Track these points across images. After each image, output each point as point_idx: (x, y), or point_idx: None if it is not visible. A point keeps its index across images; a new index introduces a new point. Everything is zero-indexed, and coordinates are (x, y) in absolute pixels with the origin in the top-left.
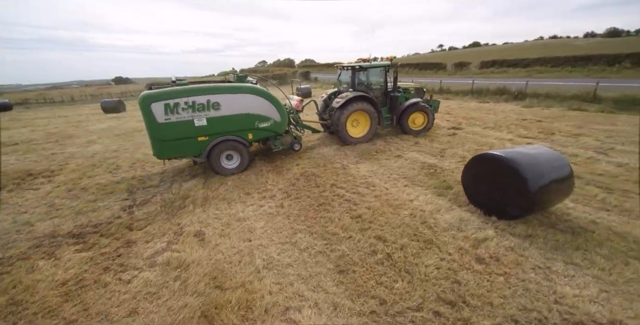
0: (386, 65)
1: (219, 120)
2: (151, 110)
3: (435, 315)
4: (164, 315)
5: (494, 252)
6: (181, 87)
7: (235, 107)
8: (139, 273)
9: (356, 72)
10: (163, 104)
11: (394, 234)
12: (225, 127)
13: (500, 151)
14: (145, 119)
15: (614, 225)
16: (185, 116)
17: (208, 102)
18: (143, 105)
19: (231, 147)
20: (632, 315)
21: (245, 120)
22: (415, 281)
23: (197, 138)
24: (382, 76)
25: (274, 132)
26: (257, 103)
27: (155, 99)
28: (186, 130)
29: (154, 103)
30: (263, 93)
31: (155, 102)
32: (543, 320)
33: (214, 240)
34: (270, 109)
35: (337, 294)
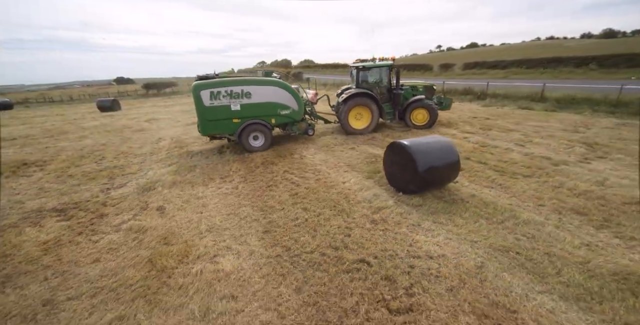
0: (389, 65)
1: (249, 106)
2: (200, 96)
3: (321, 255)
4: (120, 262)
5: (386, 216)
6: (223, 78)
7: (262, 97)
8: (105, 236)
9: (360, 71)
10: (209, 92)
11: (318, 206)
12: (254, 112)
13: (406, 140)
14: (196, 103)
15: (487, 198)
16: (224, 102)
17: (242, 91)
18: (195, 92)
19: (258, 129)
20: (456, 252)
21: (270, 108)
22: (317, 236)
23: (232, 120)
24: (385, 75)
25: (292, 118)
26: (280, 94)
27: (204, 88)
28: (224, 113)
29: (202, 90)
30: (285, 86)
31: (203, 90)
32: (394, 255)
33: (172, 212)
34: (290, 100)
35: (257, 245)
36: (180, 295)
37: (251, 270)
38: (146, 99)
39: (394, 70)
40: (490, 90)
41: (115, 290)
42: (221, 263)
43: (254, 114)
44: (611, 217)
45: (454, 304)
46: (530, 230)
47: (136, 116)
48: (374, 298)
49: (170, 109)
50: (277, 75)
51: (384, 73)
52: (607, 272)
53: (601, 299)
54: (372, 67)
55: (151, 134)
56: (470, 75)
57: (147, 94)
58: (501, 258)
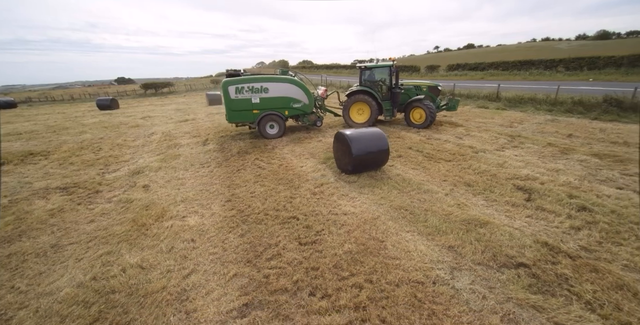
0: (389, 66)
1: (267, 99)
2: (228, 90)
3: (265, 215)
4: (110, 221)
5: (324, 189)
6: (247, 76)
7: (278, 92)
8: (100, 205)
9: (363, 71)
10: (235, 87)
11: (274, 183)
12: (271, 105)
13: (347, 130)
14: (224, 96)
15: (407, 176)
16: (247, 95)
17: (261, 87)
18: (223, 87)
19: (273, 119)
20: (364, 210)
21: (284, 101)
22: (266, 203)
23: (252, 111)
24: (386, 75)
25: (303, 111)
26: (293, 90)
27: (231, 84)
28: (246, 105)
29: (230, 86)
30: (297, 83)
31: (230, 85)
32: (319, 213)
33: (154, 189)
34: (302, 95)
35: (218, 210)
36: (154, 240)
37: (209, 225)
38: (144, 98)
39: (393, 71)
40: (457, 90)
41: (106, 238)
42: (188, 221)
43: (270, 106)
44: (489, 187)
45: (345, 238)
46: (426, 196)
47: (133, 114)
48: (293, 237)
49: (166, 107)
50: (292, 73)
51: (384, 73)
52: (459, 220)
53: (443, 234)
54: (373, 67)
55: (145, 129)
56: (452, 77)
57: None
58: (393, 213)
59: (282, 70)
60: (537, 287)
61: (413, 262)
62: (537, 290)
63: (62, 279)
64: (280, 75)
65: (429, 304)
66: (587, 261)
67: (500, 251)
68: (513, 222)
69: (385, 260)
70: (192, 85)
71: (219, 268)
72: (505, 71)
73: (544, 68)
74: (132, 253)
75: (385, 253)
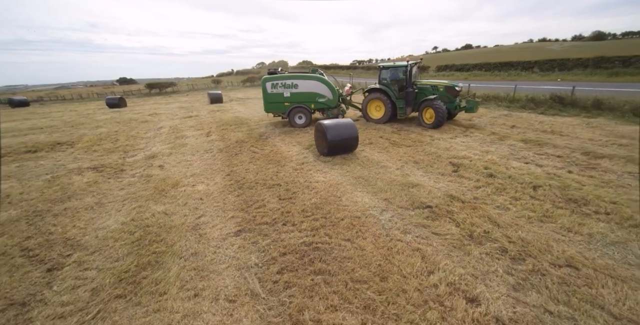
0: (403, 66)
1: (296, 94)
2: (266, 85)
3: (256, 183)
4: (137, 189)
5: (304, 166)
6: (281, 74)
7: (306, 88)
8: (126, 179)
9: (381, 70)
10: (271, 83)
11: (264, 163)
12: (299, 99)
13: (325, 120)
14: (263, 90)
15: (372, 157)
16: (280, 90)
17: (292, 83)
18: (263, 83)
19: (301, 111)
20: (331, 179)
21: (310, 96)
22: (258, 176)
23: (284, 103)
24: (400, 74)
25: (327, 105)
26: (319, 86)
27: (268, 80)
28: (279, 98)
29: (267, 82)
30: (323, 80)
31: (268, 82)
32: (297, 182)
33: (168, 168)
34: (326, 91)
35: (220, 180)
36: (172, 199)
37: (213, 190)
38: (149, 97)
39: (407, 71)
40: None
41: (135, 198)
42: (197, 187)
43: (299, 100)
44: (431, 164)
45: (313, 196)
46: (381, 170)
47: (140, 111)
48: (275, 196)
49: (170, 106)
50: (321, 72)
51: (399, 72)
52: (399, 183)
53: (384, 192)
54: (389, 67)
55: (154, 124)
56: (440, 77)
57: (150, 93)
58: (352, 181)
59: (313, 69)
60: (431, 217)
61: (357, 207)
62: (429, 218)
63: (110, 220)
64: (307, 73)
65: (359, 226)
66: (472, 204)
67: (418, 200)
68: (436, 184)
69: (338, 207)
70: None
71: (220, 213)
72: (487, 72)
73: (521, 69)
74: (157, 206)
75: (339, 203)
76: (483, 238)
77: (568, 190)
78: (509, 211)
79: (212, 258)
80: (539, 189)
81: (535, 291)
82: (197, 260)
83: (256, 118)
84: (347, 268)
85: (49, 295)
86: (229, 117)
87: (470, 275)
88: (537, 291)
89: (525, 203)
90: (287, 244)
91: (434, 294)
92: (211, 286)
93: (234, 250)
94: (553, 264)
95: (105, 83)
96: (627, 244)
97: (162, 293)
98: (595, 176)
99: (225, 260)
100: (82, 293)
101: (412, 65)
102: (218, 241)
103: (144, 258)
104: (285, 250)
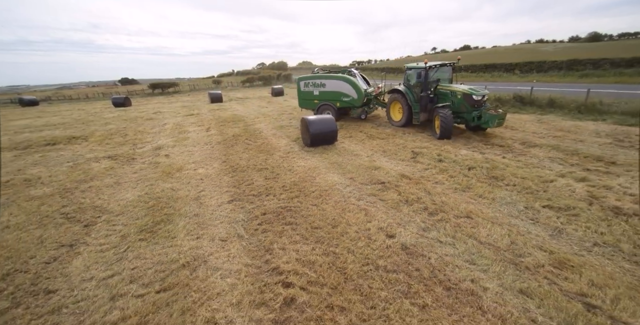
0: (421, 68)
1: (324, 93)
2: (300, 84)
3: (247, 167)
4: (147, 173)
5: (289, 155)
6: (312, 74)
7: (332, 87)
8: (137, 165)
9: (405, 71)
10: (304, 82)
11: (255, 152)
12: (326, 97)
13: (309, 116)
14: (297, 88)
15: (349, 148)
16: (311, 89)
17: (320, 82)
18: (297, 82)
19: (327, 109)
20: (310, 164)
21: (336, 95)
22: (249, 162)
23: (314, 101)
24: (417, 78)
25: (351, 104)
26: (344, 86)
27: (302, 79)
28: (310, 96)
29: (301, 81)
30: (348, 80)
31: (301, 81)
32: (282, 166)
33: (173, 157)
34: (351, 90)
35: (217, 166)
36: (177, 179)
37: (212, 172)
38: (152, 97)
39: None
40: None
41: (147, 179)
42: (198, 171)
43: (326, 98)
44: (396, 152)
45: (293, 176)
46: (353, 157)
47: (145, 110)
48: (262, 177)
49: (173, 105)
50: (356, 72)
51: (415, 76)
52: (365, 167)
53: (351, 173)
54: (412, 68)
55: (158, 121)
56: None
57: (153, 93)
58: (328, 165)
59: (343, 70)
60: (382, 189)
61: (327, 183)
62: (380, 190)
63: (127, 194)
64: (334, 74)
65: (325, 196)
66: (416, 180)
67: (376, 178)
68: (395, 167)
69: (312, 184)
70: (196, 85)
71: (217, 189)
72: (473, 73)
73: (504, 71)
74: (165, 184)
75: (313, 181)
76: (415, 202)
77: (494, 170)
78: (443, 185)
79: (210, 217)
80: (472, 170)
81: (435, 231)
82: (199, 218)
83: (252, 116)
84: (309, 221)
85: (89, 240)
86: (227, 115)
87: (395, 223)
88: (437, 231)
89: (457, 179)
90: (267, 208)
91: (367, 233)
92: (209, 233)
93: (227, 212)
94: (456, 216)
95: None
96: (516, 203)
97: (172, 237)
98: (521, 160)
99: (219, 218)
100: (113, 238)
101: (430, 68)
102: (215, 207)
103: (157, 217)
104: (265, 211)
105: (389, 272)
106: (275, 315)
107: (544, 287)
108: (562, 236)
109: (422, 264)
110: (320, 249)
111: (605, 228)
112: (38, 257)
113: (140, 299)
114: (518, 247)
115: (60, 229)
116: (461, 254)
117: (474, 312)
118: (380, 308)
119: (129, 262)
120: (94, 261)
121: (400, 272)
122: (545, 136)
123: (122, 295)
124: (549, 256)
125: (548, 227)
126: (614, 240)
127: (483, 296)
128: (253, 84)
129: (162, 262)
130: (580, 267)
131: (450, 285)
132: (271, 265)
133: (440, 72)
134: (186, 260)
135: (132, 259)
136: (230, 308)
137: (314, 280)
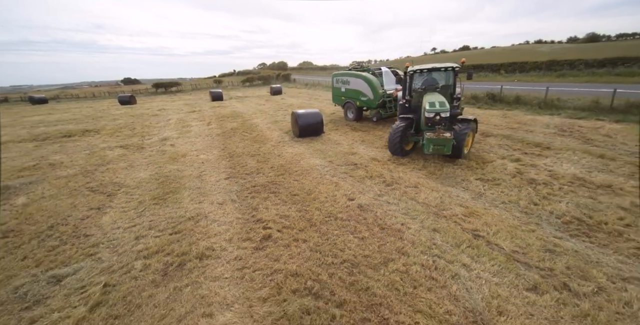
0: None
1: (348, 90)
2: (333, 80)
3: (243, 154)
4: (155, 158)
5: (280, 144)
6: (343, 71)
7: (354, 85)
8: (147, 152)
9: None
10: (336, 78)
11: (250, 142)
12: (349, 95)
13: (299, 110)
14: (332, 84)
15: (334, 138)
16: (340, 85)
17: (346, 80)
18: (332, 78)
19: (350, 106)
20: (297, 150)
21: (356, 93)
22: (244, 149)
23: (341, 97)
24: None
25: (367, 104)
26: (362, 85)
27: (335, 76)
28: (339, 92)
29: (334, 77)
30: (367, 79)
31: (334, 77)
32: (273, 153)
33: (178, 146)
34: (368, 90)
35: (216, 153)
36: (182, 163)
37: (212, 158)
38: (155, 96)
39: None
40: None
41: (156, 163)
42: (200, 157)
43: (349, 96)
44: (373, 141)
45: (281, 160)
46: (335, 146)
47: (150, 107)
48: (255, 160)
49: (176, 103)
50: (386, 70)
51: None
52: (343, 153)
53: (331, 157)
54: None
55: (163, 117)
56: None
57: (156, 92)
58: (312, 152)
59: (364, 68)
60: (353, 169)
61: (309, 165)
62: (352, 169)
63: (140, 173)
64: (356, 71)
65: (305, 174)
66: (383, 162)
67: (350, 161)
68: (367, 153)
69: (296, 165)
70: (197, 84)
71: (216, 170)
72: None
73: (490, 71)
74: (172, 166)
75: (298, 164)
76: (377, 177)
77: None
78: (404, 166)
79: (210, 189)
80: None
81: (387, 196)
82: (200, 190)
83: (250, 112)
84: (289, 190)
85: (113, 205)
86: (227, 112)
87: (357, 191)
88: (388, 196)
89: (417, 162)
90: (257, 182)
91: (333, 198)
92: (209, 199)
93: (224, 186)
94: (406, 186)
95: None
96: (456, 177)
97: (180, 202)
98: (475, 147)
99: (217, 189)
100: (132, 203)
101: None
102: (213, 182)
103: (167, 189)
104: (255, 184)
105: (344, 221)
106: (256, 245)
107: (450, 226)
108: (481, 198)
109: (370, 215)
110: (295, 208)
111: (515, 192)
112: (74, 216)
113: (158, 238)
114: (444, 204)
115: (88, 198)
116: (401, 209)
117: (395, 240)
118: (332, 240)
119: (146, 218)
120: (119, 217)
121: (352, 220)
122: (503, 128)
123: (144, 236)
124: (464, 210)
125: (473, 192)
126: (517, 199)
127: (405, 232)
128: (253, 84)
129: (172, 217)
130: (483, 216)
131: (385, 226)
132: (256, 218)
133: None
134: (191, 215)
135: (149, 216)
136: (224, 241)
137: (287, 225)
